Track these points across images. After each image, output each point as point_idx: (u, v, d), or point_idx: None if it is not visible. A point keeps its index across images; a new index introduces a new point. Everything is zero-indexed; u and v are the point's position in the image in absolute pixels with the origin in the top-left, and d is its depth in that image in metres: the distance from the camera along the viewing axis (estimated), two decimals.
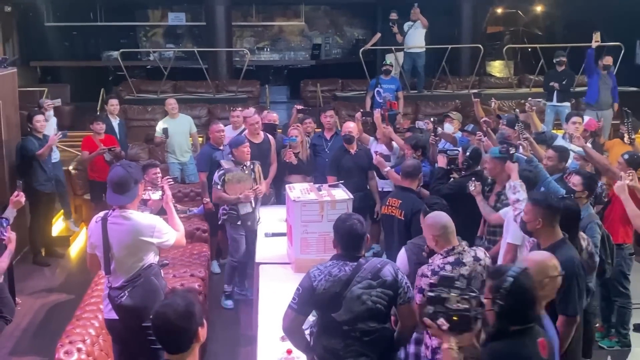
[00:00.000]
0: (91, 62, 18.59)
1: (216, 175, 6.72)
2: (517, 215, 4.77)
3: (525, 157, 5.96)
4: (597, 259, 4.90)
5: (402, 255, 4.74)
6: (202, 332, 2.75)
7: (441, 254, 4.13)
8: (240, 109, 9.00)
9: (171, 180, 7.15)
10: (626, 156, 6.05)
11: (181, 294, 2.81)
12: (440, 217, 4.24)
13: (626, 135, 7.18)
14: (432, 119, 8.68)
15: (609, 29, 11.57)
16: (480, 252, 4.23)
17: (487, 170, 6.05)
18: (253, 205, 6.75)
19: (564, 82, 10.88)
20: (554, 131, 8.39)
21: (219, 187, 6.66)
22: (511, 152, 5.60)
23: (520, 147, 6.07)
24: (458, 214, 4.83)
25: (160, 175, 6.64)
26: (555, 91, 10.91)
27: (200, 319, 2.73)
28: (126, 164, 4.41)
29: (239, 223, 6.73)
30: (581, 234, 4.75)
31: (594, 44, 10.69)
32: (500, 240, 5.31)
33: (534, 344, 3.07)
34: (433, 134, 7.67)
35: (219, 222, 7.08)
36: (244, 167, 6.73)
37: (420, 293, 3.92)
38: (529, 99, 8.60)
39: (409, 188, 5.79)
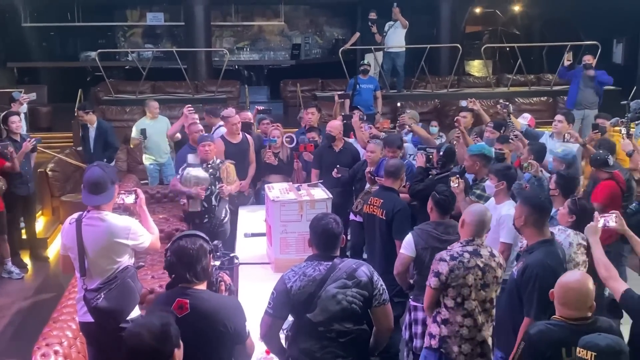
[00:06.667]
0: (69, 62, 18.48)
1: (181, 168, 6.75)
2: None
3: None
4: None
5: (409, 239, 4.86)
6: (178, 354, 2.64)
7: (461, 243, 4.28)
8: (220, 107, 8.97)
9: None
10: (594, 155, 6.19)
11: (157, 313, 2.69)
12: (486, 213, 4.39)
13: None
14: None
15: (586, 28, 11.69)
16: (496, 251, 4.41)
17: (466, 167, 6.11)
18: (205, 205, 6.62)
19: None
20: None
21: (178, 176, 6.69)
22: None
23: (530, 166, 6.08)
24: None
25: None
26: None
27: (177, 340, 2.62)
28: (103, 165, 4.37)
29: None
30: None
31: (566, 62, 11.05)
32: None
33: None
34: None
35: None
36: (208, 165, 6.66)
37: (437, 277, 4.18)
38: (501, 101, 8.61)
39: (391, 188, 5.78)
